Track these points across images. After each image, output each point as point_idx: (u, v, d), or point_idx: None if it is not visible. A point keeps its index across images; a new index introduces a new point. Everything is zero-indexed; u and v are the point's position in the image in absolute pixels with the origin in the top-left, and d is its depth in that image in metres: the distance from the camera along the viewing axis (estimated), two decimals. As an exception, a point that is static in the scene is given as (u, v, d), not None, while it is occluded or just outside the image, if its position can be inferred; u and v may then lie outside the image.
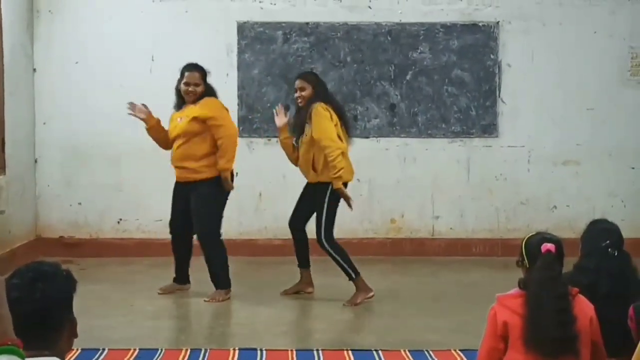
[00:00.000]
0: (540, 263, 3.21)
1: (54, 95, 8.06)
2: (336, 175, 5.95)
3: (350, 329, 5.69)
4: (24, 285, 2.05)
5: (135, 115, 6.34)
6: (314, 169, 6.15)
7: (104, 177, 8.07)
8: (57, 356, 2.02)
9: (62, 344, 2.10)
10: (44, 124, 8.10)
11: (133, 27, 8.08)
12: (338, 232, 6.34)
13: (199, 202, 6.15)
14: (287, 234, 7.83)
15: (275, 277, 6.70)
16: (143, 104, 6.32)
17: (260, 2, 8.13)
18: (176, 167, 6.28)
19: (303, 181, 7.57)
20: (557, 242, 3.27)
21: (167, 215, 8.03)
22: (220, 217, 6.25)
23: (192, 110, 6.15)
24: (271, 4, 8.13)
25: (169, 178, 7.60)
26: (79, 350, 4.68)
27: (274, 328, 5.51)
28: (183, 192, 6.26)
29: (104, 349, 4.81)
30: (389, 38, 8.18)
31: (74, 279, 2.19)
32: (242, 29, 8.13)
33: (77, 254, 7.81)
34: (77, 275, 2.29)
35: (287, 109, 6.48)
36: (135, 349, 4.84)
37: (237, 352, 4.83)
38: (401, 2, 8.17)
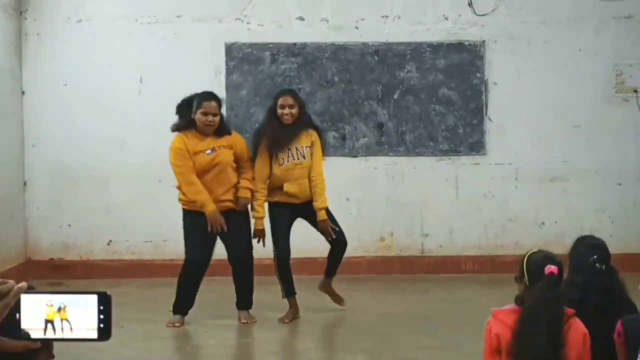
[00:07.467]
0: (542, 284, 3.20)
1: (43, 118, 8.07)
2: (326, 206, 6.15)
3: (341, 347, 5.69)
4: None
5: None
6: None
7: (93, 198, 8.06)
8: None
9: None
10: (33, 146, 8.10)
11: (121, 49, 8.10)
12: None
13: (245, 226, 6.13)
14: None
15: (265, 296, 6.69)
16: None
17: (247, 23, 8.18)
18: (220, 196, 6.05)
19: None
20: (559, 263, 3.27)
21: (156, 237, 8.04)
22: None
23: (226, 142, 6.05)
24: (259, 25, 8.18)
25: (158, 199, 7.64)
26: (70, 373, 4.67)
27: (265, 347, 5.51)
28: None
29: (94, 371, 4.81)
30: (376, 58, 8.24)
31: None
32: (230, 50, 8.17)
33: (67, 276, 7.79)
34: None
35: None
36: (126, 371, 4.84)
37: (228, 372, 4.85)
38: (388, 22, 8.23)
